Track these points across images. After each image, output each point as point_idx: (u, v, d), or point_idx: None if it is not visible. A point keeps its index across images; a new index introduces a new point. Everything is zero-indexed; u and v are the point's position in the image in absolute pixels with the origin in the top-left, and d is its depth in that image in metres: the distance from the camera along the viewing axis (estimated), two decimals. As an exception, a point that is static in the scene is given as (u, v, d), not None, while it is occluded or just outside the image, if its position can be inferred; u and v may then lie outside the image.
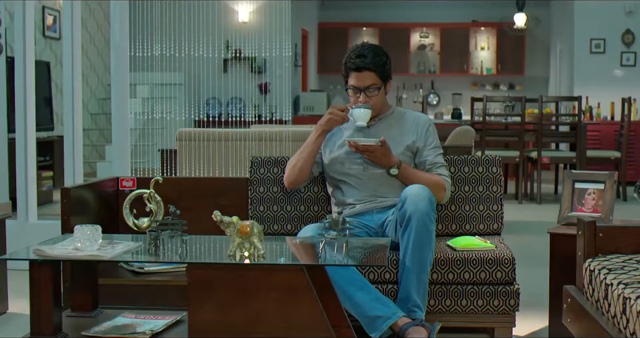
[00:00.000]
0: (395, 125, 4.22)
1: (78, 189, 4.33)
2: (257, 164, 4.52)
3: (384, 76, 4.14)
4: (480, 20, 16.44)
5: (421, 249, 3.70)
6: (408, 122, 4.23)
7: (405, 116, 4.26)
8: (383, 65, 4.12)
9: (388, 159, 4.03)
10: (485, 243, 4.00)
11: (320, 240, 3.09)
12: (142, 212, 4.55)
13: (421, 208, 3.70)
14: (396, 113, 4.28)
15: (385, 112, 4.26)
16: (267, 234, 4.43)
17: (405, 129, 4.21)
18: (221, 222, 2.90)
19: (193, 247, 3.29)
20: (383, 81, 4.15)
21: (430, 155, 4.18)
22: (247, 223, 2.90)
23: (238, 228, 2.89)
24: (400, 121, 4.24)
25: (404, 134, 4.19)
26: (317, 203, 4.44)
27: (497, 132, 10.49)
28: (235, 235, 2.89)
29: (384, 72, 4.13)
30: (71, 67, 5.79)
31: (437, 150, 4.21)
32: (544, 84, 16.11)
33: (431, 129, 4.23)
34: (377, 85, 4.13)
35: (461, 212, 4.37)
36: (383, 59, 4.13)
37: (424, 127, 4.21)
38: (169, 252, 3.11)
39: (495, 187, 4.40)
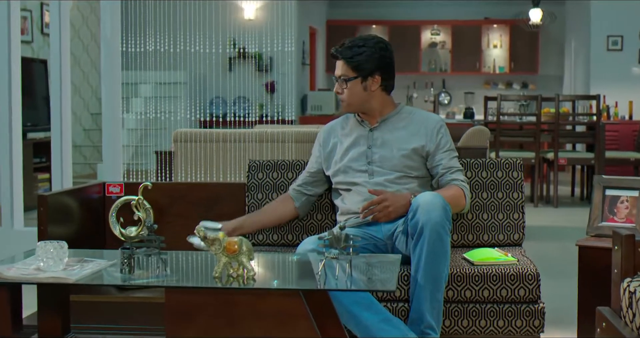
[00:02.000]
0: (402, 127, 3.83)
1: (59, 196, 3.97)
2: (254, 168, 4.15)
3: (357, 69, 3.77)
4: (492, 18, 16.11)
5: (435, 264, 3.31)
6: (416, 123, 3.84)
7: (414, 116, 3.87)
8: (352, 57, 3.76)
9: (401, 202, 3.62)
10: (506, 256, 3.61)
11: (320, 260, 2.69)
12: (130, 220, 4.20)
13: (434, 218, 3.31)
14: (403, 113, 3.89)
15: (389, 112, 3.86)
16: (266, 245, 4.06)
17: (413, 131, 3.82)
18: (205, 239, 2.52)
19: (173, 266, 2.89)
20: (359, 75, 3.77)
21: (443, 158, 3.78)
22: (235, 240, 2.51)
23: (224, 245, 2.50)
24: (407, 122, 3.85)
25: (411, 137, 3.80)
26: (321, 212, 4.06)
27: (511, 133, 10.11)
28: (222, 253, 2.51)
29: (356, 65, 3.76)
30: (59, 67, 5.42)
31: (451, 154, 3.81)
32: (558, 82, 15.72)
33: (443, 130, 3.83)
34: (346, 76, 3.78)
35: (479, 221, 3.98)
36: (356, 51, 3.76)
37: (434, 128, 3.81)
38: (145, 273, 2.71)
39: (516, 193, 4.01)
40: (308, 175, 3.98)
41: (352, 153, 3.83)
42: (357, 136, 3.85)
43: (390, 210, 3.60)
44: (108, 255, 3.09)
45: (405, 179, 3.76)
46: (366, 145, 3.82)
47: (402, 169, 3.77)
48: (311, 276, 2.79)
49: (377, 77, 3.80)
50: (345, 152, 3.85)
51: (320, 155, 3.96)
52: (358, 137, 3.85)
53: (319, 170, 3.96)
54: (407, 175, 3.76)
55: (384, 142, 3.80)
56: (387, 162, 3.78)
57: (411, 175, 3.77)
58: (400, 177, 3.75)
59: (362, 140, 3.83)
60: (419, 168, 3.79)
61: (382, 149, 3.80)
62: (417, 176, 3.79)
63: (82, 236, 4.07)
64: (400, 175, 3.75)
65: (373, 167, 3.78)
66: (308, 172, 4.00)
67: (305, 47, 14.00)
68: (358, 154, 3.82)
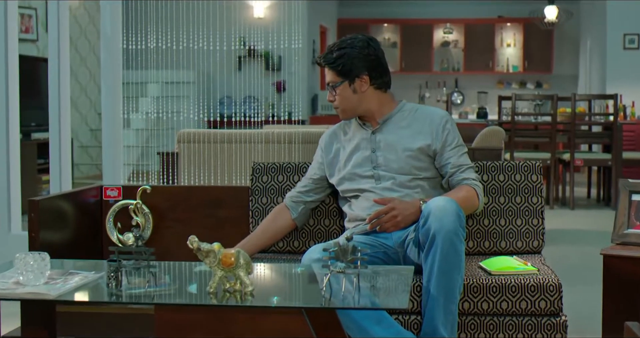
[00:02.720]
0: (405, 126, 3.61)
1: (52, 200, 3.77)
2: (259, 170, 3.93)
3: (342, 73, 3.56)
4: (506, 16, 15.88)
5: (448, 274, 3.09)
6: (420, 120, 3.61)
7: (416, 113, 3.64)
8: (334, 62, 3.56)
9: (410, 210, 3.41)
10: (525, 265, 3.38)
11: (325, 273, 2.45)
12: (128, 225, 4.01)
13: (447, 225, 3.09)
14: (405, 111, 3.65)
15: (390, 111, 3.64)
16: (272, 252, 3.85)
17: (417, 129, 3.59)
18: (198, 250, 2.30)
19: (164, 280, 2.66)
20: (345, 79, 3.56)
21: (452, 156, 3.55)
22: (232, 252, 2.29)
23: (220, 258, 2.29)
24: (410, 120, 3.62)
25: (415, 136, 3.57)
26: (329, 217, 3.84)
27: (526, 133, 9.88)
28: (217, 267, 2.29)
29: (340, 68, 3.55)
30: (57, 66, 5.22)
31: (460, 150, 3.58)
32: (573, 82, 15.48)
33: (449, 126, 3.59)
34: (334, 82, 3.59)
35: (495, 227, 3.75)
36: (338, 54, 3.55)
37: (439, 124, 3.58)
38: (133, 288, 2.49)
39: (535, 197, 3.79)
40: (311, 182, 3.76)
41: (355, 158, 3.62)
42: (360, 140, 3.64)
43: (398, 220, 3.39)
44: (97, 266, 2.87)
45: (414, 181, 3.54)
46: (370, 149, 3.61)
47: (410, 170, 3.54)
48: (315, 292, 2.55)
49: (365, 77, 3.58)
50: (349, 158, 3.64)
51: (322, 161, 3.75)
52: (360, 141, 3.64)
53: (321, 177, 3.75)
54: (415, 176, 3.54)
55: (388, 144, 3.59)
56: (394, 165, 3.56)
57: (420, 176, 3.55)
58: (408, 179, 3.53)
59: (365, 144, 3.62)
60: (427, 168, 3.57)
61: (386, 152, 3.58)
62: (426, 177, 3.56)
63: (78, 242, 3.87)
64: (408, 178, 3.53)
65: (379, 171, 3.56)
66: (310, 178, 3.77)
67: (316, 46, 13.82)
68: (362, 159, 3.61)
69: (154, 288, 2.47)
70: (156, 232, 3.98)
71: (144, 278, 2.49)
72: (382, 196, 3.50)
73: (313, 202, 3.76)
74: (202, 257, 2.31)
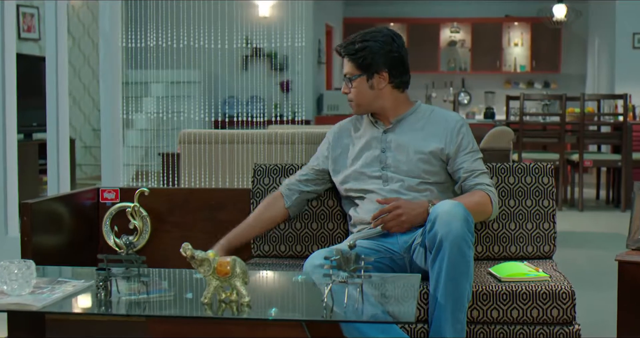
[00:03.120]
0: (419, 128, 3.47)
1: (47, 203, 3.65)
2: (260, 172, 3.80)
3: (361, 66, 3.42)
4: (513, 15, 15.73)
5: (456, 281, 2.96)
6: (434, 123, 3.47)
7: (432, 116, 3.50)
8: (355, 53, 3.42)
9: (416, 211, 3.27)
10: (537, 271, 3.25)
11: (327, 283, 2.31)
12: (125, 229, 3.89)
13: (455, 230, 2.95)
14: (420, 112, 3.52)
15: (405, 111, 3.51)
16: (273, 257, 3.73)
17: (431, 132, 3.45)
18: (192, 259, 2.17)
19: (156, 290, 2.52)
20: (363, 72, 3.43)
21: (465, 161, 3.42)
22: (227, 261, 2.17)
23: (215, 267, 2.16)
24: (424, 122, 3.49)
25: (428, 138, 3.44)
26: (332, 220, 3.71)
27: (534, 133, 9.74)
28: (212, 276, 2.16)
29: (360, 62, 3.42)
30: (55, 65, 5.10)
31: (474, 155, 3.45)
32: (580, 81, 15.33)
33: (464, 130, 3.46)
34: (351, 75, 3.45)
35: (505, 231, 3.62)
36: (359, 47, 3.41)
37: (454, 128, 3.44)
38: (123, 299, 2.36)
39: (546, 201, 3.65)
40: (312, 172, 3.63)
41: (364, 157, 3.49)
42: (370, 138, 3.51)
43: (403, 220, 3.25)
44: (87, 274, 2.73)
45: (423, 185, 3.41)
46: (379, 148, 3.47)
47: (420, 174, 3.41)
48: (316, 303, 2.40)
49: (384, 74, 3.44)
50: (357, 156, 3.51)
51: (328, 155, 3.62)
52: (371, 140, 3.51)
53: (323, 170, 3.62)
54: (424, 180, 3.41)
55: (399, 145, 3.45)
56: (403, 167, 3.43)
57: (429, 180, 3.42)
58: (417, 183, 3.40)
59: (375, 143, 3.49)
60: (438, 173, 3.44)
61: (397, 153, 3.45)
62: (436, 182, 3.43)
63: (74, 247, 3.75)
64: (417, 181, 3.40)
65: (387, 172, 3.43)
66: (312, 168, 3.64)
67: (321, 45, 13.70)
68: (371, 158, 3.48)
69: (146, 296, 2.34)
70: (154, 235, 3.87)
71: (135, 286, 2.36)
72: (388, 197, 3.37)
73: (309, 192, 3.63)
74: (196, 266, 2.19)
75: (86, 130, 11.56)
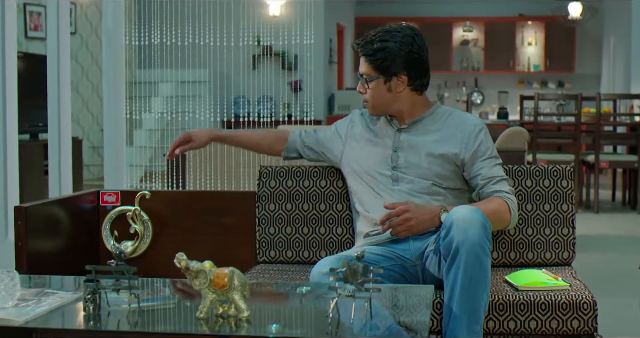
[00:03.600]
0: (435, 130, 3.30)
1: (45, 206, 3.51)
2: (266, 174, 3.64)
3: (379, 68, 3.24)
4: (527, 14, 15.55)
5: (473, 291, 2.79)
6: (451, 126, 3.29)
7: (450, 119, 3.32)
8: (373, 54, 3.24)
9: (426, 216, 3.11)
10: (556, 280, 3.08)
11: (332, 297, 2.14)
12: (126, 233, 3.74)
13: (472, 237, 2.78)
14: (438, 114, 3.35)
15: (422, 113, 3.34)
16: (279, 263, 3.57)
17: (446, 135, 3.28)
18: (186, 270, 2.02)
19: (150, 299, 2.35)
20: (381, 74, 3.25)
21: (483, 167, 3.24)
22: (225, 272, 2.01)
23: (211, 278, 2.00)
24: (441, 125, 3.31)
25: (443, 141, 3.26)
26: (341, 225, 3.55)
27: (549, 134, 9.56)
28: (208, 289, 2.00)
29: (379, 63, 3.24)
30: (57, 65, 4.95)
31: (492, 161, 3.27)
32: (595, 81, 15.14)
33: (482, 135, 3.27)
34: (368, 76, 3.28)
35: (522, 236, 3.46)
36: (378, 47, 3.23)
37: (471, 133, 3.26)
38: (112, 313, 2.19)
39: (565, 205, 3.48)
40: (315, 142, 3.55)
41: (374, 154, 3.33)
42: (383, 135, 3.35)
43: (411, 224, 3.08)
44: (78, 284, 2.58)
45: (435, 188, 3.24)
46: (391, 147, 3.31)
47: (431, 177, 3.24)
48: (321, 318, 2.23)
49: (403, 77, 3.27)
50: (368, 151, 3.35)
51: (342, 137, 3.47)
52: (384, 137, 3.34)
53: (328, 148, 3.50)
54: (437, 184, 3.24)
55: (412, 146, 3.29)
56: (414, 169, 3.26)
57: (442, 185, 3.24)
58: (429, 185, 3.23)
59: (388, 141, 3.33)
60: (451, 178, 3.27)
61: (408, 153, 3.28)
62: (449, 187, 3.26)
63: (73, 252, 3.61)
64: (429, 184, 3.23)
65: (398, 172, 3.27)
66: (317, 139, 3.54)
67: (333, 44, 13.55)
68: (382, 156, 3.31)
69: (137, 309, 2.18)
70: (156, 240, 3.72)
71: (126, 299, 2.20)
72: (398, 199, 3.21)
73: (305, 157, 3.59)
74: (191, 278, 2.03)
75: (94, 130, 11.43)
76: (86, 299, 2.14)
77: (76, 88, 10.59)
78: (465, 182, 3.30)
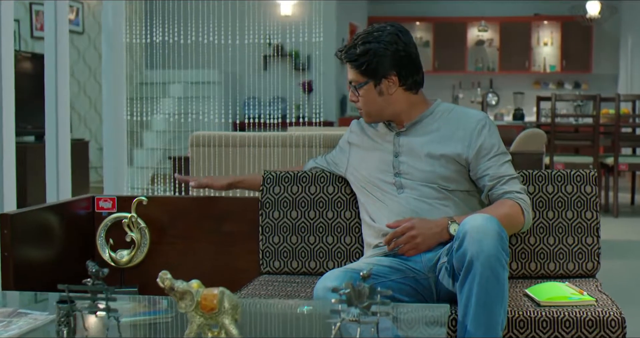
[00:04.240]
0: (434, 129, 3.09)
1: (35, 213, 3.31)
2: (270, 180, 3.43)
3: (366, 73, 3.06)
4: (543, 14, 15.30)
5: (489, 307, 2.57)
6: (453, 123, 3.08)
7: (451, 115, 3.11)
8: (357, 59, 3.06)
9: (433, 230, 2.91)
10: (581, 294, 2.86)
11: (335, 322, 1.91)
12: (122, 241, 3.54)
13: (487, 248, 2.56)
14: (438, 112, 3.13)
15: (420, 113, 3.13)
16: (284, 274, 3.36)
17: (447, 134, 3.06)
18: (171, 290, 1.80)
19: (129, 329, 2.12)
20: (369, 79, 3.06)
21: (490, 167, 3.02)
22: (214, 293, 1.79)
23: (198, 300, 1.79)
24: (441, 123, 3.10)
25: (443, 140, 3.05)
26: (350, 233, 3.34)
27: (566, 136, 9.32)
28: (195, 312, 1.79)
29: (364, 68, 3.05)
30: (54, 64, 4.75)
31: (500, 159, 3.05)
32: (612, 82, 14.88)
33: (486, 131, 3.05)
34: (356, 82, 3.10)
35: (543, 246, 3.23)
36: (361, 50, 3.05)
37: (474, 129, 3.04)
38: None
39: (589, 212, 3.26)
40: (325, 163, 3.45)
41: (376, 162, 3.14)
42: (383, 141, 3.16)
43: (418, 241, 2.88)
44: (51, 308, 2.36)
45: (442, 193, 3.02)
46: (392, 152, 3.10)
47: (436, 180, 3.02)
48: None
49: (393, 78, 3.06)
50: (369, 159, 3.16)
51: (344, 149, 3.35)
52: (384, 142, 3.15)
53: (336, 164, 3.38)
54: (443, 187, 3.02)
55: (412, 149, 3.08)
56: (417, 173, 3.04)
57: (449, 188, 3.02)
58: (435, 191, 3.01)
59: (389, 146, 3.13)
60: (457, 179, 3.04)
61: (409, 157, 3.07)
62: (456, 190, 3.04)
63: (65, 262, 3.41)
64: (434, 189, 3.01)
65: (401, 179, 3.05)
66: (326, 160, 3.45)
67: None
68: (384, 163, 3.11)
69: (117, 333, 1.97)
70: (154, 249, 3.52)
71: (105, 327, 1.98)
72: (405, 207, 3.00)
73: None
74: (176, 299, 1.82)
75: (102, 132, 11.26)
76: (59, 322, 1.92)
77: (84, 89, 10.41)
78: (473, 183, 3.08)
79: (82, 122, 10.32)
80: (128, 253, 3.49)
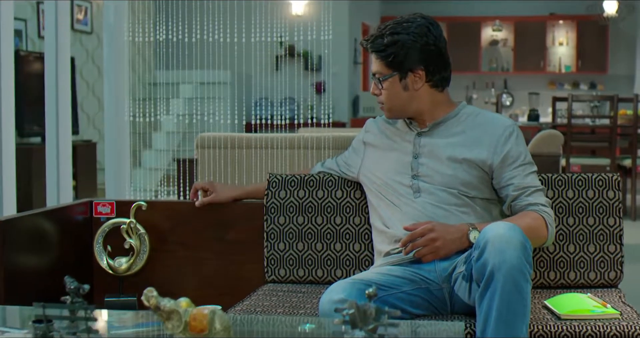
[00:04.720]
0: (459, 132, 2.92)
1: (30, 218, 3.17)
2: (275, 184, 3.27)
3: (392, 65, 2.90)
4: (558, 13, 15.11)
5: (510, 322, 2.40)
6: (479, 128, 2.91)
7: (477, 119, 2.95)
8: (384, 50, 2.90)
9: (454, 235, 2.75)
10: (604, 307, 2.68)
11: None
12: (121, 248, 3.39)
13: (510, 259, 2.39)
14: (463, 115, 2.97)
15: (445, 114, 2.96)
16: (290, 282, 3.20)
17: (472, 138, 2.90)
18: (157, 310, 1.64)
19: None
20: (395, 71, 2.90)
21: (515, 176, 2.85)
22: (204, 313, 1.63)
23: (187, 320, 1.63)
24: (466, 126, 2.93)
25: (467, 145, 2.89)
26: (359, 240, 3.18)
27: (583, 137, 9.12)
28: (183, 333, 1.63)
29: (391, 59, 2.90)
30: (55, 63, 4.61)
31: (526, 169, 2.88)
32: (629, 82, 14.68)
33: (513, 139, 2.89)
34: (380, 74, 2.94)
35: (563, 254, 3.07)
36: (389, 41, 2.90)
37: (501, 136, 2.88)
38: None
39: (612, 218, 3.10)
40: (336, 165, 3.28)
41: (393, 163, 2.96)
42: (402, 141, 2.99)
43: (437, 245, 2.71)
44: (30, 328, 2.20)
45: (462, 199, 2.85)
46: (411, 153, 2.94)
47: (457, 185, 2.86)
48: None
49: (420, 72, 2.90)
50: (385, 160, 2.99)
51: (358, 150, 3.18)
52: (403, 142, 2.98)
53: (348, 166, 3.21)
54: (463, 194, 2.85)
55: (433, 150, 2.91)
56: (437, 177, 2.88)
57: (469, 194, 2.85)
58: (454, 196, 2.85)
59: (408, 146, 2.96)
60: (478, 187, 2.88)
61: (430, 160, 2.91)
62: (476, 197, 2.87)
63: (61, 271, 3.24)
64: (454, 194, 2.85)
65: (419, 182, 2.88)
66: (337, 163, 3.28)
67: (358, 44, 13.21)
68: (401, 164, 2.94)
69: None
70: (153, 256, 3.37)
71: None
72: (420, 212, 2.83)
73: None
74: (162, 319, 1.66)
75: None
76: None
77: (92, 89, 10.29)
78: (494, 191, 2.91)
79: (91, 123, 10.19)
80: (127, 260, 3.34)
